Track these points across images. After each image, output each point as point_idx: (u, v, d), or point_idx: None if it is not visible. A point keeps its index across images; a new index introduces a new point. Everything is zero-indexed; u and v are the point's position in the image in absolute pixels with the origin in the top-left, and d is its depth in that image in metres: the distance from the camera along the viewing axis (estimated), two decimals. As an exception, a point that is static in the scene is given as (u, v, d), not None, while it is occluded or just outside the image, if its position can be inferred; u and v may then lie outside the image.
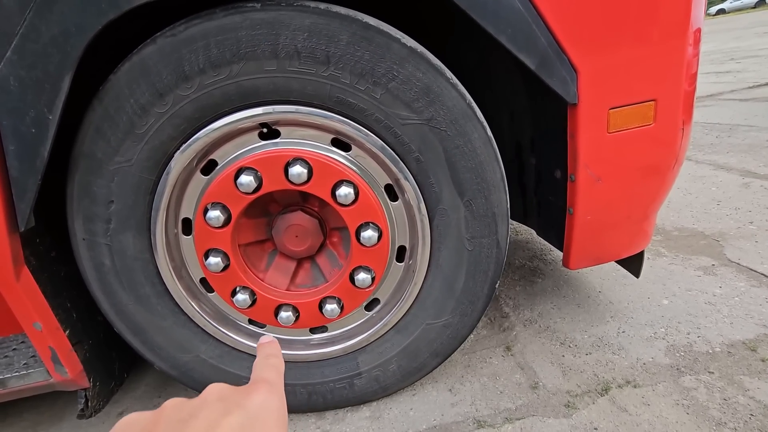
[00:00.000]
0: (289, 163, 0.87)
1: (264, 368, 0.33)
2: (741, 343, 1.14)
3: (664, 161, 0.98)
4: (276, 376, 0.32)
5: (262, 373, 0.32)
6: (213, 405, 0.26)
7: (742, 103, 3.72)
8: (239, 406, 0.27)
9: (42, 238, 0.92)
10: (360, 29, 0.78)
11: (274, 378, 0.31)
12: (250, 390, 0.29)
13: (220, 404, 0.27)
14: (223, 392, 0.28)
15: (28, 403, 1.30)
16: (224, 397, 0.28)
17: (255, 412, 0.27)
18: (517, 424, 1.01)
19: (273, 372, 0.32)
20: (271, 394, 0.29)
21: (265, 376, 0.31)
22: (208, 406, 0.26)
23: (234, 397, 0.28)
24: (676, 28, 0.86)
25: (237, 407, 0.26)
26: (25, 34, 0.71)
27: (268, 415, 0.27)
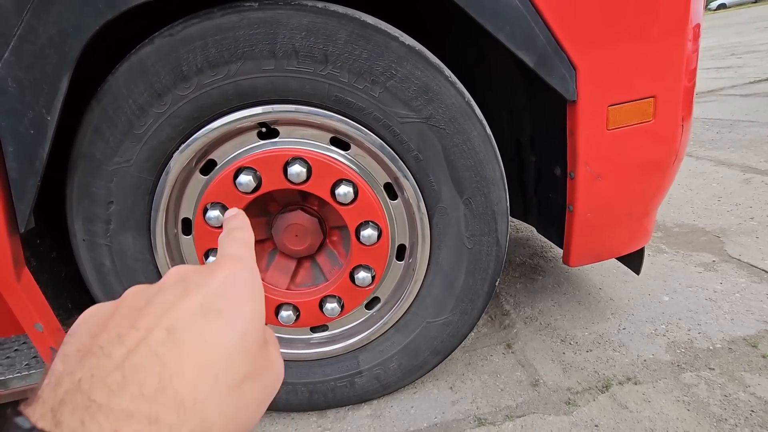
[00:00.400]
0: (288, 162, 0.87)
1: (228, 244, 0.30)
2: (742, 339, 1.14)
3: (664, 158, 0.98)
4: (243, 249, 0.29)
5: (226, 249, 0.29)
6: (171, 288, 0.24)
7: (743, 99, 3.71)
8: (198, 285, 0.24)
9: (42, 239, 0.92)
10: (358, 28, 0.78)
11: (240, 252, 0.28)
12: (212, 267, 0.26)
13: (178, 287, 0.24)
14: (183, 273, 0.26)
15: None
16: (184, 278, 0.25)
17: (217, 289, 0.24)
18: (517, 421, 1.01)
19: (239, 245, 0.29)
20: (237, 268, 0.26)
21: (229, 252, 0.28)
22: (165, 290, 0.24)
23: (195, 277, 0.25)
24: (676, 23, 0.86)
25: (196, 287, 0.24)
26: (22, 35, 0.71)
27: (235, 290, 0.25)
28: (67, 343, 0.22)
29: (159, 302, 0.23)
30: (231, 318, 0.24)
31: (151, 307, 0.23)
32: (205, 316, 0.23)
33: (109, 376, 0.19)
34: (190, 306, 0.23)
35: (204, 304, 0.23)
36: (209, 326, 0.23)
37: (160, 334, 0.21)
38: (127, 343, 0.21)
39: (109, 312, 0.24)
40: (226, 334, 0.23)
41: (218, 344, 0.22)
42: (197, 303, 0.23)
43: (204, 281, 0.25)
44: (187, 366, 0.21)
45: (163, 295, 0.24)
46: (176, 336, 0.21)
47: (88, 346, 0.21)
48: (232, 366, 0.22)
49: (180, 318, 0.22)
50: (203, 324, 0.23)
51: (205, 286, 0.24)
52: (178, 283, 0.25)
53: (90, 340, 0.22)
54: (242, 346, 0.23)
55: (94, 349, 0.21)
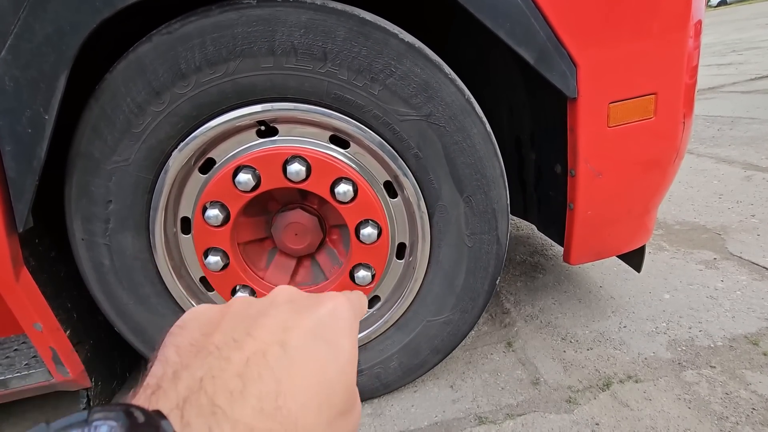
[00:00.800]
0: (287, 160, 0.86)
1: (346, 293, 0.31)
2: (743, 337, 1.14)
3: (664, 155, 0.97)
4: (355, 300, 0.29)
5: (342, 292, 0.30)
6: (283, 306, 0.24)
7: (744, 96, 3.70)
8: (309, 309, 0.24)
9: (41, 239, 0.92)
10: (357, 25, 0.77)
11: (353, 298, 0.29)
12: (323, 297, 0.27)
13: (289, 305, 0.25)
14: (292, 294, 0.26)
15: (32, 403, 1.31)
16: (293, 299, 0.26)
17: (325, 318, 0.24)
18: (518, 420, 1.01)
19: (353, 296, 0.30)
20: (344, 305, 0.27)
21: (344, 293, 0.29)
22: (277, 306, 0.24)
23: (304, 301, 0.26)
24: (677, 20, 0.85)
25: (307, 310, 0.24)
26: (19, 34, 0.71)
27: (338, 325, 0.25)
28: (177, 334, 0.22)
29: (273, 315, 0.23)
30: (335, 350, 0.24)
31: (266, 319, 0.23)
32: (314, 341, 0.23)
33: (231, 382, 0.19)
34: (304, 327, 0.23)
35: (315, 330, 0.23)
36: (317, 351, 0.23)
37: (276, 348, 0.21)
38: (246, 349, 0.21)
39: (217, 315, 0.24)
40: (331, 364, 0.23)
41: (324, 373, 0.22)
42: (310, 326, 0.23)
43: (313, 307, 0.25)
44: (299, 388, 0.21)
45: (276, 311, 0.24)
46: (289, 353, 0.21)
47: (202, 343, 0.21)
48: (332, 399, 0.22)
49: (295, 336, 0.22)
50: (313, 347, 0.22)
51: (315, 312, 0.24)
52: (288, 302, 0.25)
53: (203, 338, 0.22)
54: (342, 380, 0.23)
55: (210, 347, 0.21)
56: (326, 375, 0.22)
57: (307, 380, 0.21)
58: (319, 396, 0.21)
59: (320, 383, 0.22)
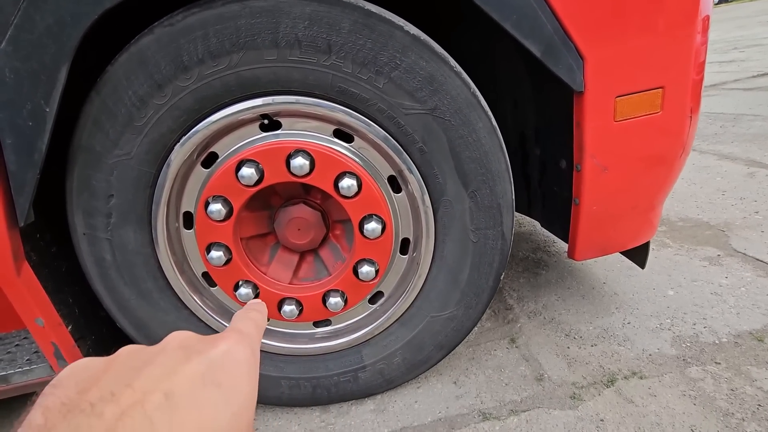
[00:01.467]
0: (290, 154, 0.85)
1: (241, 320, 0.30)
2: (748, 333, 1.13)
3: (671, 150, 0.96)
4: (252, 329, 0.29)
5: (236, 324, 0.29)
6: (172, 352, 0.24)
7: (747, 93, 3.69)
8: (201, 353, 0.24)
9: (42, 234, 0.91)
10: (362, 17, 0.76)
11: (248, 330, 0.29)
12: (217, 338, 0.26)
13: (180, 352, 0.24)
14: (186, 340, 0.25)
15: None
16: (186, 344, 0.25)
17: (219, 360, 0.24)
18: (522, 416, 1.00)
19: (249, 324, 0.30)
20: (240, 344, 0.26)
21: (238, 327, 0.28)
22: (166, 353, 0.24)
23: (197, 344, 0.25)
24: (685, 14, 0.84)
25: (198, 354, 0.24)
26: (19, 25, 0.70)
27: (234, 366, 0.24)
28: (49, 394, 0.21)
29: (159, 363, 0.22)
30: (228, 394, 0.23)
31: (151, 368, 0.22)
32: (204, 387, 0.22)
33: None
34: (191, 373, 0.22)
35: (205, 375, 0.23)
36: (207, 398, 0.22)
37: (158, 397, 0.20)
38: (122, 403, 0.20)
39: (101, 368, 0.23)
40: (221, 410, 0.22)
41: (212, 419, 0.21)
42: (199, 372, 0.22)
43: (206, 350, 0.24)
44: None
45: (163, 358, 0.23)
46: (173, 402, 0.20)
47: (76, 401, 0.20)
48: None
49: (180, 384, 0.21)
50: (202, 394, 0.22)
51: (207, 355, 0.24)
52: (179, 348, 0.24)
53: (78, 396, 0.20)
54: (235, 425, 0.22)
55: (82, 405, 0.19)
56: (216, 422, 0.21)
57: (191, 428, 0.20)
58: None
59: (207, 429, 0.21)
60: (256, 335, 0.29)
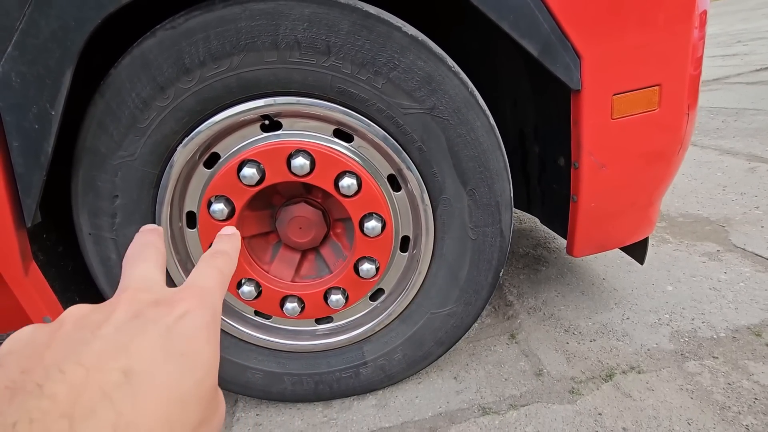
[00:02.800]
0: (291, 154, 0.87)
1: (204, 269, 0.28)
2: (746, 328, 1.14)
3: (669, 147, 0.97)
4: (214, 282, 0.27)
5: (198, 276, 0.27)
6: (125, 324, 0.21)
7: (749, 87, 3.67)
8: (156, 322, 0.22)
9: (49, 234, 0.93)
10: (360, 18, 0.77)
11: (211, 284, 0.26)
12: (174, 300, 0.24)
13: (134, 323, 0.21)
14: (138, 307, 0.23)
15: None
16: (139, 312, 0.22)
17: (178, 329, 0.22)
18: (521, 410, 1.02)
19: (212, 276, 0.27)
20: (200, 307, 0.24)
21: (199, 282, 0.26)
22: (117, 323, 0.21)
23: (152, 312, 0.22)
24: (682, 10, 0.85)
25: (154, 324, 0.22)
26: (25, 30, 0.71)
27: (195, 332, 0.22)
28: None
29: (110, 337, 0.20)
30: (191, 362, 0.21)
31: (101, 342, 0.20)
32: (165, 359, 0.21)
33: (54, 425, 0.16)
34: (149, 346, 0.21)
35: (164, 345, 0.21)
36: (168, 370, 0.20)
37: (115, 376, 0.19)
38: (73, 382, 0.18)
39: (44, 339, 0.20)
40: (185, 380, 0.21)
41: (176, 391, 0.20)
42: (157, 344, 0.21)
43: (162, 318, 0.22)
44: (144, 415, 0.18)
45: (114, 330, 0.21)
46: (133, 380, 0.19)
47: (20, 382, 0.18)
48: (187, 415, 0.20)
49: (138, 359, 0.20)
50: (163, 367, 0.20)
51: (163, 323, 0.22)
52: (132, 318, 0.22)
53: (21, 376, 0.18)
54: (199, 393, 0.21)
55: (28, 386, 0.18)
56: (179, 392, 0.20)
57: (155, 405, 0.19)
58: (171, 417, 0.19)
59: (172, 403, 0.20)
60: (218, 290, 0.27)
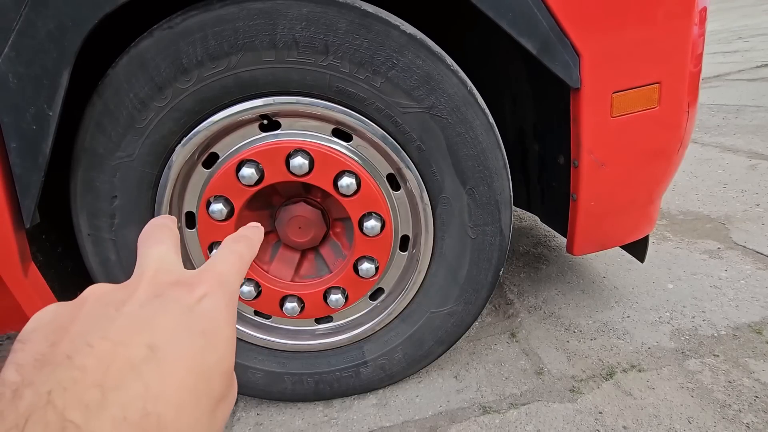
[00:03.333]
0: (290, 154, 0.86)
1: (225, 253, 0.28)
2: (746, 326, 1.14)
3: (668, 145, 0.97)
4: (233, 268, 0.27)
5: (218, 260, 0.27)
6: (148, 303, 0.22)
7: (750, 84, 3.66)
8: (179, 301, 0.23)
9: (48, 235, 0.93)
10: (358, 17, 0.77)
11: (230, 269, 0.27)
12: (194, 283, 0.24)
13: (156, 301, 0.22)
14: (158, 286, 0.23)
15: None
16: (160, 292, 0.23)
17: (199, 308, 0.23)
18: (522, 409, 1.02)
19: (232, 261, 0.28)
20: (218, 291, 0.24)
21: (218, 267, 0.27)
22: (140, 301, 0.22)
23: (173, 292, 0.23)
24: (681, 7, 0.84)
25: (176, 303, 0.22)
26: (21, 30, 0.71)
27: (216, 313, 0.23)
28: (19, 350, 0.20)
29: (134, 315, 0.21)
30: (213, 340, 0.22)
31: (126, 319, 0.21)
32: (188, 336, 0.21)
33: (87, 393, 0.17)
34: (172, 323, 0.21)
35: (187, 323, 0.22)
36: (192, 346, 0.21)
37: (142, 350, 0.19)
38: (101, 355, 0.19)
39: (68, 316, 0.21)
40: (208, 356, 0.22)
41: (200, 366, 0.21)
42: (180, 321, 0.22)
43: (183, 297, 0.23)
44: (172, 389, 0.19)
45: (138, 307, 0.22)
46: (159, 354, 0.20)
47: (50, 355, 0.19)
48: (212, 389, 0.21)
49: (163, 335, 0.20)
50: (186, 343, 0.21)
51: (185, 302, 0.23)
52: (154, 298, 0.23)
53: (50, 349, 0.19)
54: (221, 369, 0.22)
55: (58, 358, 0.18)
56: (203, 367, 0.21)
57: (182, 379, 0.20)
58: (197, 391, 0.20)
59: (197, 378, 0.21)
60: (237, 275, 0.27)
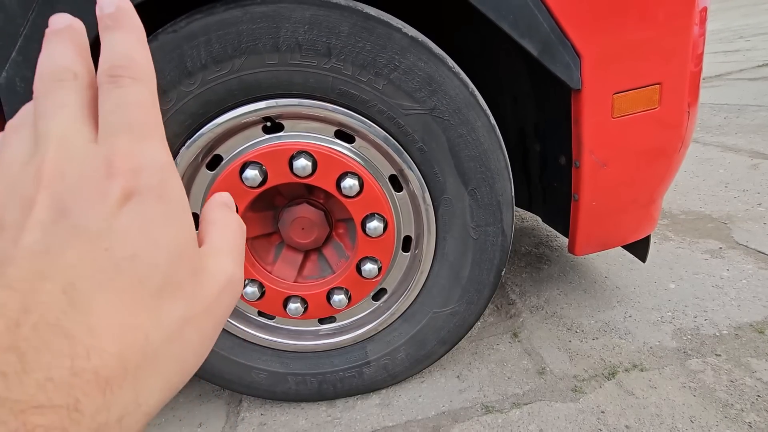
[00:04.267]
0: (293, 156, 0.87)
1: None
2: (748, 326, 1.14)
3: (670, 145, 0.97)
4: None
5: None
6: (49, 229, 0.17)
7: (752, 83, 3.66)
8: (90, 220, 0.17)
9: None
10: (360, 20, 0.78)
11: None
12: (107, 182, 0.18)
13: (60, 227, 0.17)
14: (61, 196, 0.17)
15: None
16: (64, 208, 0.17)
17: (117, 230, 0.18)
18: (524, 408, 1.02)
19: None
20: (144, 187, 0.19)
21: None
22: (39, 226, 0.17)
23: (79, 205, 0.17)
24: (682, 8, 0.85)
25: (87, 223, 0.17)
26: (29, 35, 0.72)
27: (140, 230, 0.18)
28: None
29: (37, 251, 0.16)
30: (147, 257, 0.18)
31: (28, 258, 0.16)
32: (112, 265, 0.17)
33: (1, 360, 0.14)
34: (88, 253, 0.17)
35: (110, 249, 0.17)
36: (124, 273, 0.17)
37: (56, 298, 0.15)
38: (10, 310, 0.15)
39: None
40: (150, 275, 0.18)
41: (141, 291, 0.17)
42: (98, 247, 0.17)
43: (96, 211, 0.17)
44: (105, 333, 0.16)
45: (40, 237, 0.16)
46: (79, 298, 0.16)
47: None
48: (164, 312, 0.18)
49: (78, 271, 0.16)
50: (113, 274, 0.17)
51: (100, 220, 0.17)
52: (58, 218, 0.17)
53: None
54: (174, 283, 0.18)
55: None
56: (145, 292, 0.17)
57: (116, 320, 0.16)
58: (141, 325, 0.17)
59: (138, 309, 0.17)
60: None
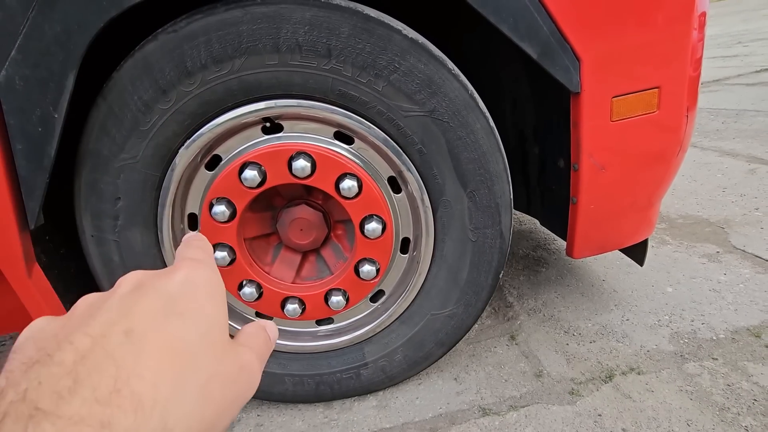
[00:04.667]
0: (292, 157, 0.87)
1: (186, 249, 0.29)
2: (745, 330, 1.15)
3: (668, 149, 0.98)
4: (201, 254, 0.28)
5: (184, 253, 0.28)
6: (127, 294, 0.23)
7: (750, 88, 3.67)
8: (156, 288, 0.24)
9: (52, 236, 0.93)
10: (361, 21, 0.78)
11: (199, 255, 0.28)
12: (170, 270, 0.25)
13: (135, 293, 0.23)
14: (139, 279, 0.25)
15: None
16: (140, 283, 0.24)
17: (177, 290, 0.24)
18: (521, 411, 1.02)
19: (197, 251, 0.29)
20: (196, 268, 0.26)
21: (188, 255, 0.28)
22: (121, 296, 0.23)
23: (152, 281, 0.24)
24: (681, 12, 0.85)
25: (154, 290, 0.23)
26: (28, 34, 0.72)
27: (195, 290, 0.24)
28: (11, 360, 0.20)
29: (113, 307, 0.22)
30: (193, 318, 0.23)
31: (105, 313, 0.22)
32: (165, 318, 0.22)
33: (59, 383, 0.18)
34: (149, 308, 0.22)
35: (164, 307, 0.23)
36: (171, 326, 0.22)
37: (117, 337, 0.20)
38: (80, 349, 0.19)
39: (59, 324, 0.22)
40: (189, 333, 0.22)
41: (181, 342, 0.22)
42: (157, 306, 0.23)
43: (162, 284, 0.24)
44: (146, 365, 0.20)
45: (117, 301, 0.23)
46: (135, 337, 0.20)
47: (35, 357, 0.19)
48: (196, 364, 0.22)
49: (139, 320, 0.21)
50: (164, 324, 0.22)
51: (163, 288, 0.24)
52: (134, 290, 0.24)
53: (37, 353, 0.20)
54: (206, 344, 0.23)
55: (41, 358, 0.19)
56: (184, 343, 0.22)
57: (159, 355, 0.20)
58: (177, 365, 0.21)
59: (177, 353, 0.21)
60: (207, 257, 0.29)
